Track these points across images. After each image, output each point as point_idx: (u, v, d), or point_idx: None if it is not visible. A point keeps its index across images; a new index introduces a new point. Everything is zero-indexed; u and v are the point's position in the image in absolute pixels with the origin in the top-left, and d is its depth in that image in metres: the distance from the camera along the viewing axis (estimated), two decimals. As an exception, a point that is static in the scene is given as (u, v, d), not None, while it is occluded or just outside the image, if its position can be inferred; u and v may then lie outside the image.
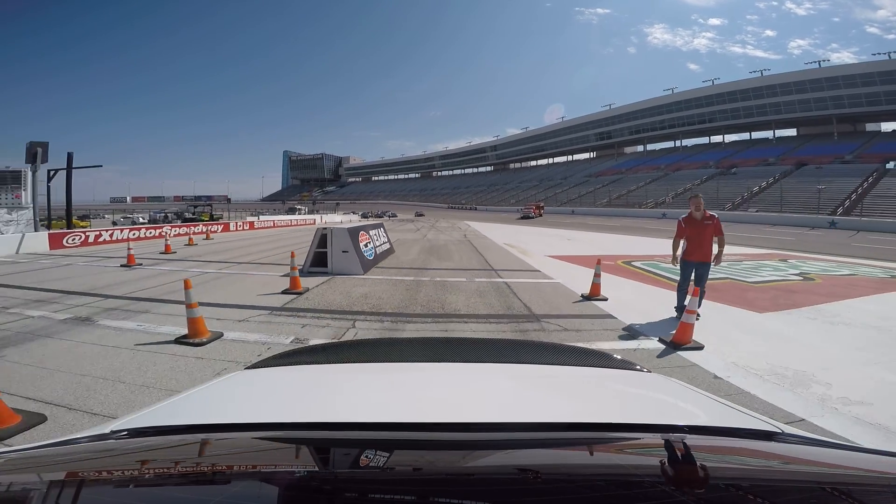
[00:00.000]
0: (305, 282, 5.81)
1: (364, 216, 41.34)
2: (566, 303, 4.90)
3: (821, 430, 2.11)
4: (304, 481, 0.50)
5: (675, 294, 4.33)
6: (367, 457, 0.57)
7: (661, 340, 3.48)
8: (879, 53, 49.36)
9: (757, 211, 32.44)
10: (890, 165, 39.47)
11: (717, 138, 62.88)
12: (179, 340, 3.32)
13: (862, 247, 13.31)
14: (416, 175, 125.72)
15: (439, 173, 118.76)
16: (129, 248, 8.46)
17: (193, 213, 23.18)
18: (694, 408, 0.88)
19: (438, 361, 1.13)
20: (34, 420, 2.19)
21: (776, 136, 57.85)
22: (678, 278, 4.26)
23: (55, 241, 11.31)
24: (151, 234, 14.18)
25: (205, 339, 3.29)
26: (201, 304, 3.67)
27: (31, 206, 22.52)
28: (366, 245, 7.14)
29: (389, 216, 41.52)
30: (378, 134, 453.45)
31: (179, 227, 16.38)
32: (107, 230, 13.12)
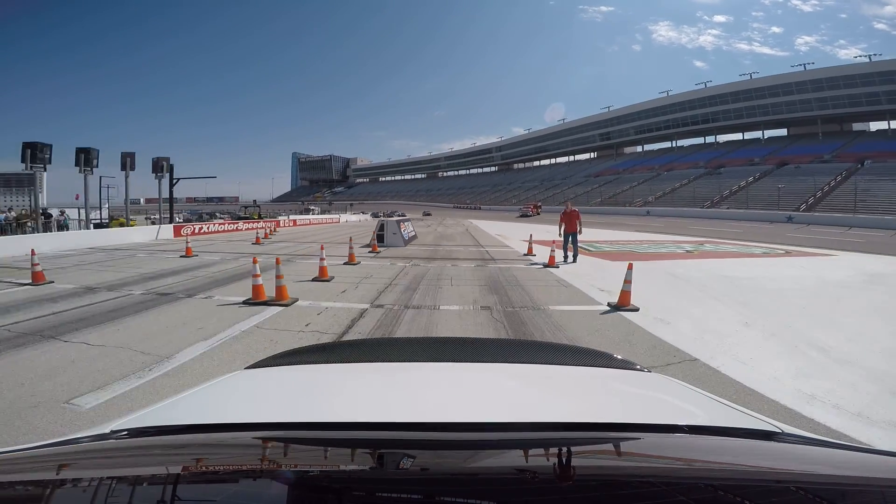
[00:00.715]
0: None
1: (375, 216, 46.22)
2: (514, 256, 9.71)
3: (581, 293, 6.75)
4: (304, 481, 0.51)
5: (579, 254, 9.08)
6: (366, 457, 0.59)
7: (543, 265, 8.26)
8: (861, 56, 53.08)
9: (728, 208, 36.94)
10: (868, 164, 43.40)
11: (711, 139, 66.99)
12: (345, 263, 8.18)
13: (790, 236, 17.53)
14: (422, 175, 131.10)
15: (445, 174, 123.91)
16: (257, 233, 13.58)
17: (245, 213, 28.45)
18: (694, 407, 0.91)
19: (438, 361, 1.17)
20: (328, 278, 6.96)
21: (766, 136, 61.84)
22: (582, 247, 9.04)
23: (176, 232, 16.40)
24: (232, 228, 19.27)
25: (356, 263, 8.17)
26: (330, 256, 8.44)
27: (106, 205, 28.14)
28: (404, 231, 12.06)
29: (399, 216, 46.52)
30: (383, 133, 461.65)
31: (248, 222, 21.53)
32: (205, 224, 18.30)
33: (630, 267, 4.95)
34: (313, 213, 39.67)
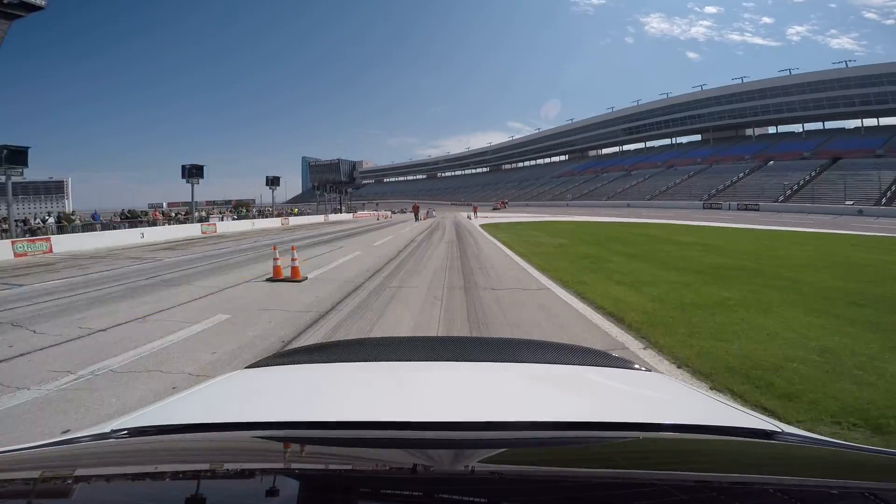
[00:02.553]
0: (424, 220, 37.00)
1: (393, 212, 72.40)
2: (463, 219, 36.16)
3: (470, 222, 33.00)
4: (304, 480, 0.54)
5: (494, 220, 35.41)
6: (367, 456, 0.63)
7: (470, 219, 34.74)
8: (737, 78, 76.44)
9: (608, 199, 63.20)
10: (714, 166, 68.49)
11: (651, 144, 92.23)
12: (419, 220, 34.64)
13: (601, 212, 43.56)
14: (423, 176, 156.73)
15: (443, 174, 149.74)
16: (377, 217, 40.06)
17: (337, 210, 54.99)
18: (693, 407, 0.95)
19: (438, 360, 1.25)
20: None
21: (684, 142, 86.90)
22: (485, 216, 35.48)
23: (355, 216, 43.02)
24: (345, 218, 45.73)
25: (425, 219, 34.71)
26: (411, 221, 34.55)
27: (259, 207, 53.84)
28: (433, 213, 38.95)
29: (410, 212, 72.42)
30: (379, 132, 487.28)
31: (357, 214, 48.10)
32: (349, 213, 45.03)
33: (478, 217, 31.48)
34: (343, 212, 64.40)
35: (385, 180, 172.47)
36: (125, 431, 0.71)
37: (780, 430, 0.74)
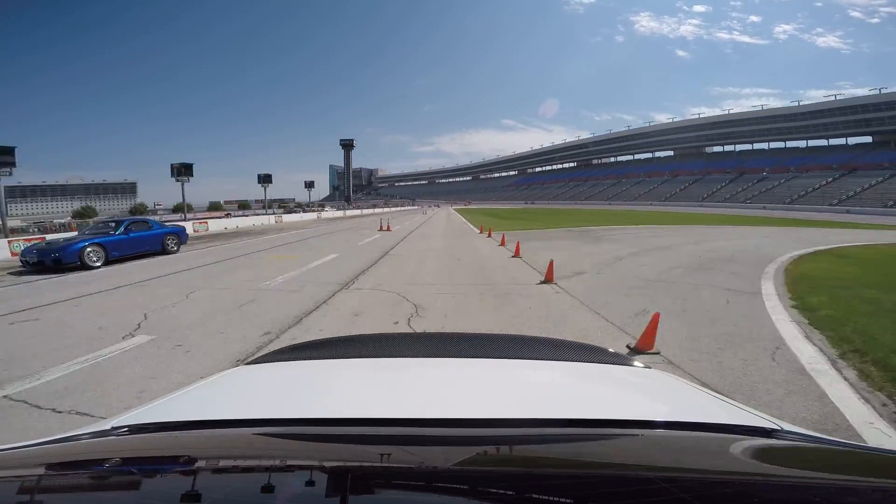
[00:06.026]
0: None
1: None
2: (449, 209, 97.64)
3: (449, 210, 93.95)
4: (304, 478, 0.54)
5: (458, 208, 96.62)
6: (364, 452, 0.64)
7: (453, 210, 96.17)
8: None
9: (537, 201, 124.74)
10: (623, 180, 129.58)
11: (562, 166, 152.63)
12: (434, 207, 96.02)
13: (528, 206, 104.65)
14: (425, 182, 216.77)
15: (439, 181, 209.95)
16: (422, 206, 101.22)
17: (387, 205, 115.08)
18: (692, 404, 0.97)
19: (436, 357, 1.26)
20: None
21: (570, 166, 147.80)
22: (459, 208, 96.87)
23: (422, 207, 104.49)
24: (400, 209, 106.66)
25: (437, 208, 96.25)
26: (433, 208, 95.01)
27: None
28: (439, 207, 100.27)
29: (427, 207, 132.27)
30: (374, 130, 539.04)
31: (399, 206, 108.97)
32: (402, 206, 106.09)
33: (454, 210, 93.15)
34: (378, 207, 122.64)
35: (396, 184, 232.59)
36: (125, 429, 0.73)
37: (779, 428, 0.75)
